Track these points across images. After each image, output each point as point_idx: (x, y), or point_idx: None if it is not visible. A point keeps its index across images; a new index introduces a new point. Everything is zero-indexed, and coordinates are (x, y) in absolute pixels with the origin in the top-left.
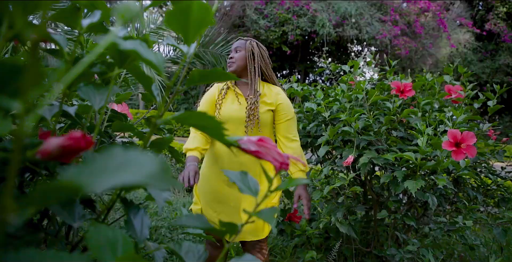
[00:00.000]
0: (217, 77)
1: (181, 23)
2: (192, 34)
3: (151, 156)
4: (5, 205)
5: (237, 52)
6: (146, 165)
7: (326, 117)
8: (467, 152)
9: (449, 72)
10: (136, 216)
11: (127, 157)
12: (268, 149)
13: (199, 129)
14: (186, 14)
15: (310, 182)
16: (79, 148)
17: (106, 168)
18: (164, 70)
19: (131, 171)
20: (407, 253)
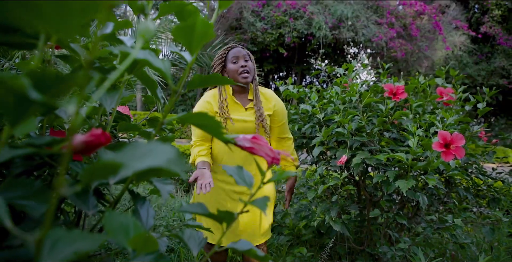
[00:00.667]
0: (216, 81)
1: (186, 37)
2: (195, 46)
3: (169, 146)
4: (60, 182)
5: (247, 61)
6: (166, 153)
7: (321, 118)
8: (456, 153)
9: (441, 75)
10: (142, 206)
11: (149, 147)
12: (261, 146)
13: (200, 127)
14: (191, 30)
15: (305, 182)
16: (100, 143)
17: (134, 155)
18: (170, 74)
19: (155, 157)
20: (399, 251)
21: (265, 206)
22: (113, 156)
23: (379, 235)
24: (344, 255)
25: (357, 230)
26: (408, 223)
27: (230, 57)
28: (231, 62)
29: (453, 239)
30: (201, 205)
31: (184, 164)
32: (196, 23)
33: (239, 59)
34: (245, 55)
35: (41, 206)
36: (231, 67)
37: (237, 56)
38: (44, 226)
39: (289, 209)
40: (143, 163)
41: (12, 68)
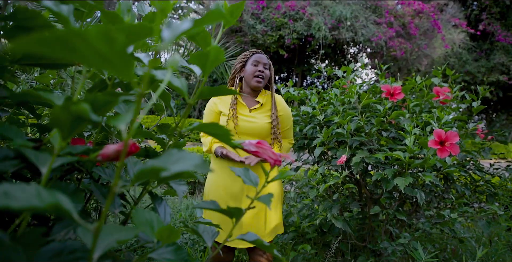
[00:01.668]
0: (223, 92)
1: (201, 62)
2: (208, 69)
3: (196, 154)
4: (115, 182)
5: (266, 69)
6: (194, 159)
7: (321, 120)
8: (450, 150)
9: (438, 75)
10: (160, 205)
11: (181, 154)
12: (265, 150)
13: (211, 135)
14: (206, 57)
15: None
16: (131, 152)
17: (169, 161)
18: (186, 91)
19: (185, 162)
20: (399, 246)
21: (269, 201)
22: (155, 162)
23: (380, 232)
24: (347, 251)
25: (359, 227)
26: (408, 219)
27: (252, 59)
28: (251, 64)
29: (452, 234)
30: (213, 202)
31: (208, 167)
32: (211, 51)
33: (259, 64)
34: (266, 63)
35: (77, 206)
36: (249, 68)
37: (258, 61)
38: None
39: (292, 209)
40: (178, 167)
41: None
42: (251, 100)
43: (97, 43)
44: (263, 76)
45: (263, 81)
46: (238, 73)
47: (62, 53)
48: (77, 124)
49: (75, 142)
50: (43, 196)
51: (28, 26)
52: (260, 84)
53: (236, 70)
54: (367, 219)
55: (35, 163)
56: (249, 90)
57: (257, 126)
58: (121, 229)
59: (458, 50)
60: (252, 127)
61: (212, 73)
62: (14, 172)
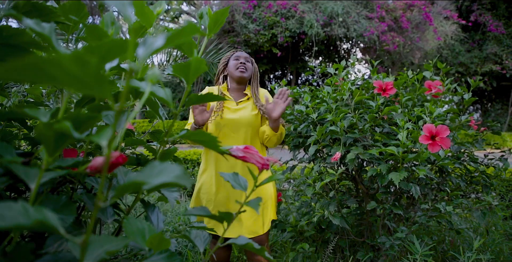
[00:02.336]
0: (209, 99)
1: (184, 73)
2: (191, 79)
3: (177, 166)
4: (99, 197)
5: (248, 62)
6: (175, 171)
7: (314, 118)
8: (441, 144)
9: (429, 69)
10: (153, 213)
11: (163, 167)
12: (252, 154)
13: (198, 143)
14: (188, 67)
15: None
16: (118, 163)
17: (151, 174)
18: (172, 101)
19: (166, 175)
20: (397, 240)
21: (258, 206)
22: (137, 176)
23: (378, 226)
24: (346, 248)
25: (358, 223)
26: (405, 213)
27: (234, 56)
28: (233, 59)
29: (449, 226)
30: (204, 208)
31: (190, 179)
32: (192, 62)
33: (240, 58)
34: (247, 57)
35: (68, 218)
36: (231, 63)
37: (239, 55)
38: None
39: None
40: (159, 180)
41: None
42: (238, 94)
43: (71, 67)
44: (245, 67)
45: (246, 72)
46: (222, 72)
47: (40, 79)
48: (61, 140)
49: (67, 153)
50: (30, 213)
51: (14, 43)
52: (244, 74)
53: (219, 70)
54: (364, 214)
55: (23, 180)
56: (235, 85)
57: (244, 118)
58: (110, 240)
59: (450, 41)
60: (238, 119)
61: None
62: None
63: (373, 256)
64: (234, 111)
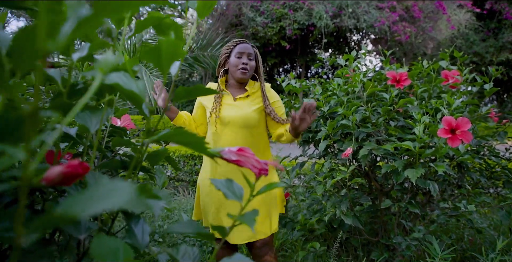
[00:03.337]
0: (200, 92)
1: (154, 58)
2: (165, 66)
3: (130, 186)
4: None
5: (250, 60)
6: (125, 193)
7: (325, 111)
8: (462, 138)
9: (445, 58)
10: (137, 225)
11: (111, 187)
12: (247, 158)
13: (183, 145)
14: (158, 51)
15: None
16: (77, 174)
17: (93, 197)
18: (144, 96)
19: (113, 198)
20: (413, 241)
21: (253, 221)
22: (71, 201)
23: (392, 225)
24: (359, 247)
25: (371, 221)
26: (421, 211)
27: (236, 50)
28: (235, 56)
29: (469, 224)
30: (191, 224)
31: (145, 203)
32: (162, 45)
33: (243, 55)
34: (250, 53)
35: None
36: (233, 60)
37: (242, 52)
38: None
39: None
40: (100, 206)
41: None
42: (238, 90)
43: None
44: (247, 68)
45: (248, 73)
46: (222, 66)
47: None
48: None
49: (50, 155)
50: None
51: None
52: (245, 75)
53: (220, 63)
54: (378, 212)
55: None
56: (234, 82)
57: (242, 115)
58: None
59: (464, 30)
60: (236, 116)
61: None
62: None
63: (388, 257)
64: (232, 108)
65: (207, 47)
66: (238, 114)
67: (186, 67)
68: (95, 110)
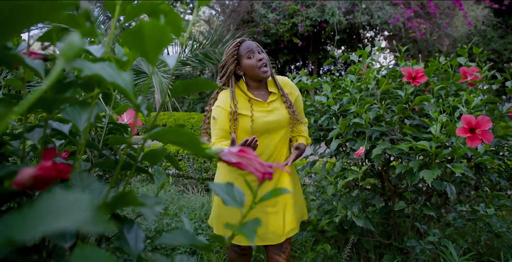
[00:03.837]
0: (200, 87)
1: (138, 45)
2: (151, 55)
3: (87, 200)
4: None
5: (260, 53)
6: (81, 210)
7: (336, 109)
8: (483, 138)
9: (463, 54)
10: (130, 231)
11: (63, 201)
12: (250, 160)
13: (177, 145)
14: (140, 36)
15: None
16: (51, 177)
17: (40, 214)
18: (131, 89)
19: (65, 216)
20: (428, 244)
21: (253, 233)
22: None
23: (406, 228)
24: (371, 249)
25: (383, 223)
26: (437, 213)
27: (244, 52)
28: (246, 57)
29: (487, 228)
30: (184, 234)
31: (106, 222)
32: (144, 29)
33: (254, 53)
34: (257, 47)
35: None
36: (247, 62)
37: (251, 49)
38: None
39: (312, 204)
40: (47, 226)
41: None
42: (262, 92)
43: None
44: (266, 63)
45: (269, 69)
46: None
47: None
48: None
49: (46, 153)
50: None
51: None
52: (268, 72)
53: (231, 72)
54: (391, 213)
55: None
56: (255, 83)
57: (279, 119)
58: None
59: (481, 27)
60: (272, 122)
61: None
62: None
63: (401, 260)
64: (268, 113)
65: (217, 43)
66: (275, 119)
67: (196, 64)
68: (86, 105)
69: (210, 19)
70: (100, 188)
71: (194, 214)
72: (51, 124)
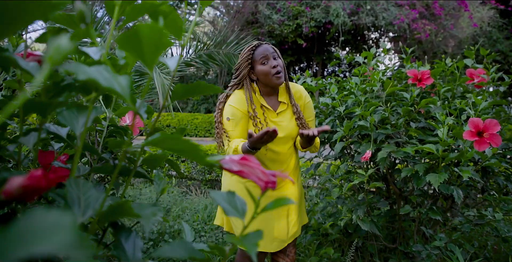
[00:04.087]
0: (201, 90)
1: (135, 48)
2: (148, 58)
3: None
4: None
5: (276, 59)
6: (59, 233)
7: (341, 111)
8: (491, 141)
9: (470, 56)
10: (128, 239)
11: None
12: (252, 168)
13: (176, 152)
14: (137, 39)
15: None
16: (40, 187)
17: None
18: (128, 94)
19: (44, 240)
20: (434, 249)
21: (255, 246)
22: None
23: (411, 232)
24: (376, 253)
25: (388, 226)
26: (443, 216)
27: (258, 57)
28: (260, 63)
29: (494, 233)
30: (183, 245)
31: (88, 246)
32: (141, 32)
33: (269, 59)
34: (273, 53)
35: None
36: (261, 69)
37: (265, 55)
38: None
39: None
40: (21, 252)
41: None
42: (274, 100)
43: None
44: (280, 70)
45: (282, 75)
46: (247, 77)
47: None
48: None
49: (43, 156)
50: None
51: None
52: (281, 79)
53: (244, 75)
54: (396, 216)
55: None
56: (268, 89)
57: (290, 132)
58: None
59: (487, 28)
60: (285, 135)
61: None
62: None
63: None
64: (277, 125)
65: (221, 44)
66: (288, 132)
67: (200, 65)
68: (83, 108)
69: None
70: (97, 195)
71: (197, 216)
72: (48, 127)
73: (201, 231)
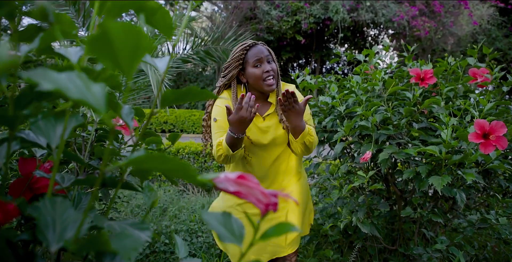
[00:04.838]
0: (193, 96)
1: (106, 54)
2: (126, 65)
3: None
4: None
5: (270, 63)
6: None
7: (342, 111)
8: (497, 144)
9: (473, 54)
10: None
11: None
12: (251, 189)
13: (162, 172)
14: (107, 42)
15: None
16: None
17: None
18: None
19: None
20: (436, 252)
21: None
22: None
23: (412, 233)
24: (375, 255)
25: (388, 228)
26: (444, 218)
27: (252, 59)
28: (252, 65)
29: (496, 235)
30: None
31: None
32: (111, 34)
33: (262, 62)
34: (268, 56)
35: None
36: (252, 72)
37: (259, 58)
38: None
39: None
40: None
41: None
42: (261, 104)
43: None
44: (274, 75)
45: (275, 81)
46: (235, 79)
47: None
48: None
49: (24, 164)
50: None
51: None
52: (274, 85)
53: (233, 76)
54: (396, 217)
55: None
56: (257, 93)
57: (277, 138)
58: None
59: (486, 26)
60: (271, 141)
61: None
62: None
63: None
64: (263, 132)
65: (219, 40)
66: (274, 138)
67: (197, 61)
68: (61, 117)
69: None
70: (75, 217)
71: (194, 215)
72: (28, 134)
73: (198, 231)
